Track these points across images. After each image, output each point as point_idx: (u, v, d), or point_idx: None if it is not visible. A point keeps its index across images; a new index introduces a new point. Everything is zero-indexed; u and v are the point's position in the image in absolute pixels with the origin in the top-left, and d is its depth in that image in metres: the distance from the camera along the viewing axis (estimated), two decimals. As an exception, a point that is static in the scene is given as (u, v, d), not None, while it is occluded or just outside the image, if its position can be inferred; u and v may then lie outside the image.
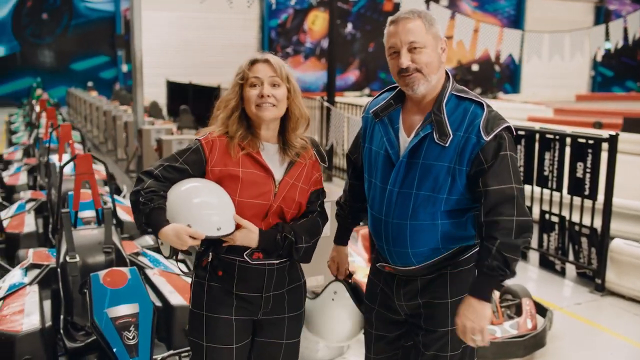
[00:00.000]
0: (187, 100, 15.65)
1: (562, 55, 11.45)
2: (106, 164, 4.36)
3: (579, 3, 31.96)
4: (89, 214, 4.25)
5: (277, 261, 2.11)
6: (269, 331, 2.18)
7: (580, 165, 5.07)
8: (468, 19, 11.27)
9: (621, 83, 34.17)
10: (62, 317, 3.39)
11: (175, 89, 18.00)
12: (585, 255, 5.18)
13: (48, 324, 3.15)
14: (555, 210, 5.44)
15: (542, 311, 4.08)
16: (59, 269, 3.55)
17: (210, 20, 24.56)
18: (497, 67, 30.50)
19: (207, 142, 2.07)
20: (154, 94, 18.78)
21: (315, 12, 27.35)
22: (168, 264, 4.07)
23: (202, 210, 1.94)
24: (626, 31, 12.07)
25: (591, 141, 4.99)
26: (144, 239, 4.77)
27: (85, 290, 3.12)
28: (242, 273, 2.08)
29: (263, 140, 2.10)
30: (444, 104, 1.99)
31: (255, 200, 2.04)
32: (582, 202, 5.13)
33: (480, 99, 2.01)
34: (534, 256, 5.78)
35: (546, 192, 5.48)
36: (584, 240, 5.17)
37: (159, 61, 22.46)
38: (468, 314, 1.94)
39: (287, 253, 2.08)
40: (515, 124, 6.14)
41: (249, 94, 2.05)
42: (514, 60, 14.03)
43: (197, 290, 2.15)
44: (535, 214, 5.67)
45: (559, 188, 5.33)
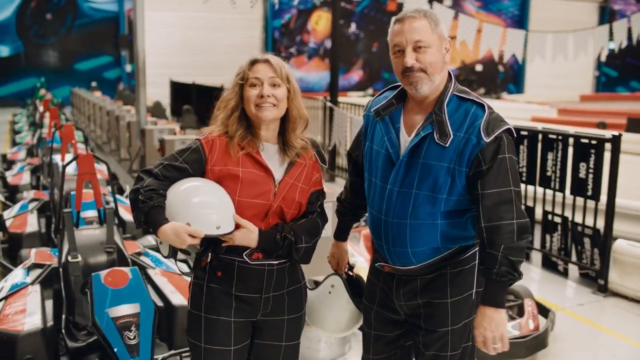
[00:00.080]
0: (191, 101, 15.66)
1: (566, 56, 11.44)
2: (108, 164, 4.36)
3: (584, 3, 31.88)
4: (91, 213, 4.26)
5: (276, 262, 2.10)
6: (268, 333, 2.17)
7: (583, 165, 5.06)
8: (471, 19, 11.26)
9: (625, 83, 34.08)
10: (64, 316, 3.39)
11: (178, 89, 18.02)
12: (587, 255, 5.16)
13: (50, 323, 3.16)
14: (558, 210, 5.42)
15: (544, 312, 4.07)
16: (61, 269, 3.56)
17: (214, 20, 24.59)
18: (500, 68, 30.45)
19: (207, 142, 2.08)
20: (158, 94, 18.81)
21: (319, 12, 27.35)
22: (170, 264, 4.08)
23: (202, 209, 1.94)
24: (630, 31, 12.05)
25: (594, 141, 4.97)
26: (146, 239, 4.78)
27: (86, 290, 3.12)
28: (241, 273, 2.08)
29: (263, 141, 2.10)
30: (445, 104, 1.99)
31: (255, 200, 2.03)
32: (585, 202, 5.12)
33: (481, 100, 2.01)
34: (536, 257, 5.76)
35: (549, 192, 5.46)
36: (586, 240, 5.16)
37: (163, 61, 22.51)
38: (486, 324, 1.96)
39: (287, 253, 2.08)
40: (518, 124, 6.19)
41: (248, 94, 2.05)
42: (517, 61, 13.98)
43: (195, 291, 2.15)
44: (538, 214, 5.66)
45: (561, 188, 5.32)
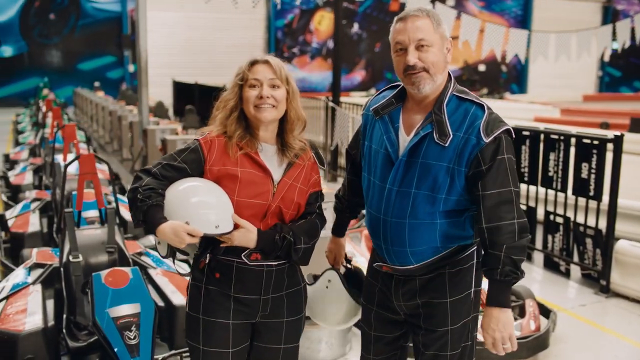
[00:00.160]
0: (193, 101, 15.67)
1: (569, 56, 11.41)
2: (109, 164, 4.37)
3: (587, 3, 31.82)
4: (92, 213, 4.28)
5: (275, 263, 2.10)
6: (267, 335, 2.16)
7: (585, 165, 5.05)
8: (474, 19, 11.23)
9: (629, 83, 33.98)
10: (65, 316, 3.40)
11: (181, 89, 18.03)
12: (590, 256, 5.15)
13: (51, 323, 3.17)
14: (560, 211, 5.42)
15: (545, 312, 4.06)
16: (62, 269, 3.57)
17: (217, 20, 24.61)
18: (503, 68, 30.41)
19: (206, 142, 2.07)
20: (161, 94, 18.83)
21: (322, 13, 27.35)
22: (171, 264, 4.07)
23: (200, 209, 1.93)
24: (633, 31, 12.00)
25: (596, 142, 4.97)
26: (148, 239, 4.78)
27: (87, 290, 3.13)
28: (240, 275, 2.07)
29: (261, 141, 2.10)
30: (444, 104, 2.00)
31: (254, 200, 2.03)
32: (587, 202, 5.11)
33: (480, 100, 2.01)
34: (538, 257, 5.75)
35: (551, 192, 5.45)
36: (588, 241, 5.15)
37: (166, 61, 22.52)
38: (494, 325, 1.98)
39: (286, 254, 2.07)
40: (520, 124, 6.18)
41: (248, 94, 2.05)
42: (520, 61, 13.97)
43: (194, 293, 2.14)
44: (540, 214, 5.65)
45: (563, 189, 5.31)
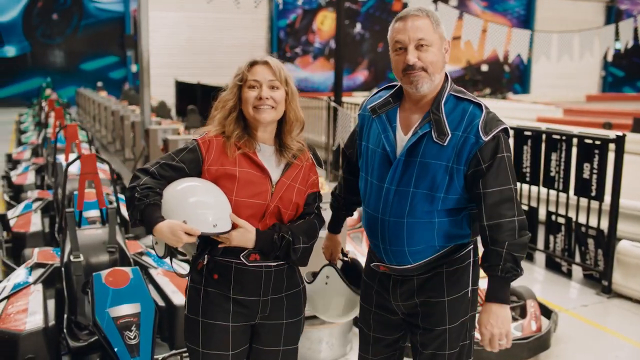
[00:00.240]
0: (196, 101, 15.69)
1: (571, 56, 11.39)
2: (110, 164, 4.38)
3: (590, 3, 31.76)
4: (94, 213, 4.28)
5: (274, 263, 2.09)
6: (267, 338, 2.15)
7: (587, 166, 5.04)
8: (476, 19, 11.23)
9: (632, 83, 33.92)
10: (66, 316, 3.40)
11: (183, 89, 18.06)
12: (591, 256, 5.14)
13: (51, 323, 3.16)
14: (562, 211, 5.40)
15: (547, 313, 4.06)
16: (63, 268, 3.57)
17: (220, 21, 24.65)
18: (506, 68, 30.37)
19: (204, 142, 2.07)
20: (164, 94, 18.87)
21: (324, 12, 27.38)
22: (169, 264, 4.08)
23: (198, 209, 1.92)
24: (637, 31, 11.98)
25: (598, 142, 4.95)
26: (149, 239, 4.78)
27: (87, 290, 3.13)
28: (238, 276, 2.06)
29: (259, 142, 2.10)
30: (442, 103, 2.01)
31: (252, 200, 2.03)
32: (589, 203, 5.10)
33: (478, 100, 2.03)
34: (540, 257, 5.74)
35: (552, 192, 5.44)
36: (590, 241, 5.14)
37: (169, 61, 22.57)
38: (493, 321, 1.99)
39: (285, 254, 2.06)
40: (522, 124, 6.16)
41: (247, 95, 2.05)
42: (523, 61, 13.95)
43: (192, 295, 2.13)
44: (542, 215, 5.65)
45: (565, 189, 5.30)
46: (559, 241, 5.47)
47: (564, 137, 5.27)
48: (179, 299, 3.44)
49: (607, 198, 4.96)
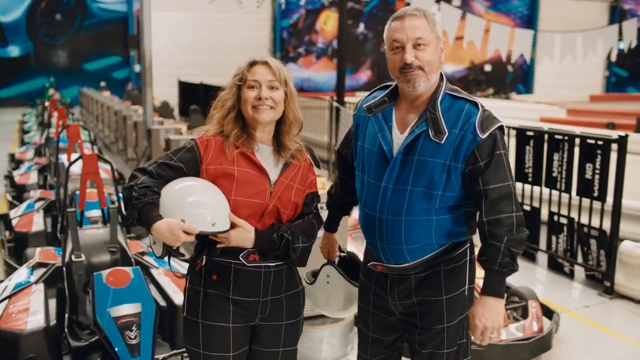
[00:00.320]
0: (198, 100, 15.70)
1: (574, 55, 11.38)
2: (112, 164, 4.39)
3: (594, 3, 31.69)
4: (95, 213, 4.29)
5: (273, 264, 2.09)
6: (266, 339, 2.15)
7: (589, 166, 5.03)
8: (479, 18, 11.22)
9: (636, 83, 33.81)
10: (67, 315, 3.41)
11: (186, 89, 18.07)
12: (594, 257, 5.13)
13: (53, 322, 3.17)
14: (564, 211, 5.39)
15: (549, 314, 4.05)
16: (65, 268, 3.58)
17: (223, 21, 24.66)
18: (510, 68, 30.32)
19: (202, 142, 2.07)
20: (167, 94, 18.89)
21: (327, 12, 27.36)
22: (174, 264, 4.09)
23: (196, 209, 1.92)
24: (640, 31, 11.96)
25: (600, 142, 4.94)
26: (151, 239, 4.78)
27: (88, 290, 3.14)
28: (237, 276, 2.05)
29: (258, 142, 2.10)
30: (438, 102, 2.03)
31: (251, 200, 2.02)
32: (591, 203, 5.08)
33: (473, 98, 2.05)
34: (542, 258, 5.73)
35: (555, 193, 5.43)
36: (592, 242, 5.12)
37: (172, 61, 22.59)
38: (487, 314, 2.01)
39: (284, 254, 2.06)
40: (524, 124, 6.15)
41: (246, 95, 2.05)
42: (526, 61, 13.93)
43: (191, 297, 2.11)
44: (544, 215, 5.63)
45: (567, 189, 5.28)
46: (561, 242, 5.46)
47: (566, 137, 5.25)
48: (180, 298, 3.44)
49: (610, 198, 4.94)
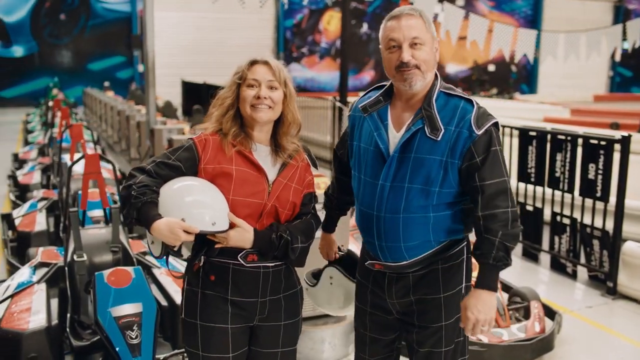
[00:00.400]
0: (202, 100, 15.71)
1: (578, 55, 11.35)
2: (114, 164, 4.40)
3: (598, 3, 31.58)
4: (98, 213, 4.29)
5: (272, 264, 2.09)
6: (265, 339, 2.15)
7: (592, 166, 5.01)
8: (482, 18, 11.21)
9: (640, 83, 33.71)
10: (69, 315, 3.42)
11: (190, 89, 18.09)
12: (596, 257, 5.11)
13: (54, 322, 3.18)
14: (567, 212, 5.38)
15: (551, 314, 4.04)
16: (67, 268, 3.59)
17: (226, 21, 24.65)
18: (513, 68, 30.26)
19: (200, 141, 2.07)
20: (170, 94, 18.90)
21: (331, 12, 27.34)
22: (175, 264, 4.09)
23: (195, 208, 1.91)
24: (644, 31, 11.91)
25: (603, 142, 4.93)
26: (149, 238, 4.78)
27: (90, 289, 3.14)
28: (236, 277, 2.05)
29: (255, 142, 2.10)
30: (433, 100, 2.05)
31: (249, 199, 2.02)
32: (594, 203, 5.07)
33: (467, 95, 2.07)
34: (545, 258, 5.72)
35: (557, 193, 5.42)
36: (595, 242, 5.11)
37: (175, 61, 22.61)
38: (480, 307, 2.01)
39: (283, 254, 2.06)
40: (528, 124, 6.14)
41: (245, 94, 2.05)
42: (529, 61, 13.90)
43: (190, 298, 2.11)
44: (547, 215, 5.62)
45: (570, 189, 5.27)
46: (563, 242, 5.44)
47: (569, 138, 5.24)
48: (181, 298, 3.45)
49: (613, 199, 4.93)
